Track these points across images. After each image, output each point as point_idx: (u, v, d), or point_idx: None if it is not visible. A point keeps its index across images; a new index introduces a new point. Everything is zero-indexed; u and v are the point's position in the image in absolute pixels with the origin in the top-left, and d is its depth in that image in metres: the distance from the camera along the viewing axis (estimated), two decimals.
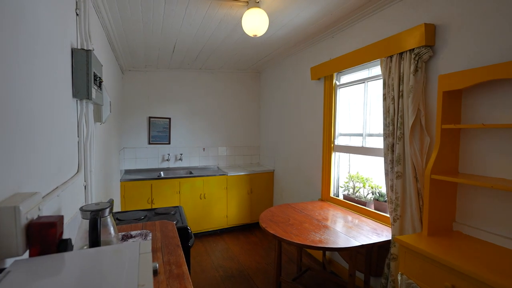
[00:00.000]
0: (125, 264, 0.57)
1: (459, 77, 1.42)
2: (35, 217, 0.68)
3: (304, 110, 3.18)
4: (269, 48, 3.10)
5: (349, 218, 2.24)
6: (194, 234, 3.50)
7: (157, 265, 0.78)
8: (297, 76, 3.30)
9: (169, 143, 3.82)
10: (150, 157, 3.73)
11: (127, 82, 3.57)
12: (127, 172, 3.57)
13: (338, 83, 2.70)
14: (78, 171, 1.29)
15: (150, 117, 3.70)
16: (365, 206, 2.38)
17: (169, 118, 3.80)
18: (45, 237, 0.64)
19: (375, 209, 2.30)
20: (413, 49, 1.72)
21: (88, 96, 1.25)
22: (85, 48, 1.36)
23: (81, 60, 1.22)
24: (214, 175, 3.56)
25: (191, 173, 3.73)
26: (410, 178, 1.74)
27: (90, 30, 1.48)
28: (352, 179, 2.63)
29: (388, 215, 2.00)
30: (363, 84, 2.39)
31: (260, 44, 2.93)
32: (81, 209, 1.02)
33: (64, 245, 0.67)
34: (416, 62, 1.71)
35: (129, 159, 3.62)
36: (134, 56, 3.01)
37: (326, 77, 2.75)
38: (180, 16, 2.02)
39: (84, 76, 1.23)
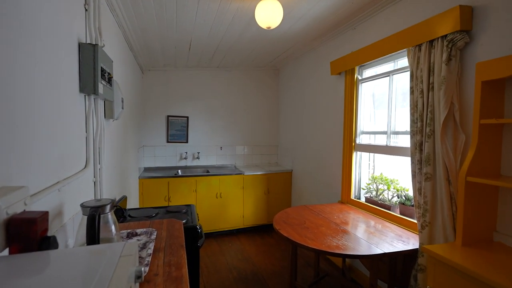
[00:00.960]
0: (99, 269, 0.51)
1: (502, 64, 1.22)
2: (19, 212, 0.64)
3: (323, 107, 3.03)
4: (287, 44, 2.98)
5: (371, 222, 2.06)
6: (209, 233, 3.48)
7: (144, 269, 0.72)
8: (316, 72, 3.15)
9: (187, 142, 3.84)
10: (168, 155, 3.78)
11: (147, 81, 3.64)
12: (147, 169, 3.64)
13: (360, 78, 2.52)
14: (86, 166, 1.28)
15: (168, 116, 3.74)
16: (389, 210, 2.18)
17: (187, 117, 3.83)
18: (26, 234, 0.60)
19: (400, 214, 2.10)
20: (446, 35, 1.53)
21: (95, 91, 1.23)
22: (93, 43, 1.35)
23: (88, 54, 1.21)
24: (231, 174, 3.51)
25: (208, 171, 3.72)
26: (441, 180, 1.55)
27: (101, 26, 1.48)
28: (375, 181, 2.44)
29: (415, 221, 1.81)
30: (388, 77, 2.20)
31: (277, 40, 2.82)
32: (82, 205, 1.00)
33: (47, 243, 0.63)
34: (449, 50, 1.51)
35: (148, 157, 3.69)
36: (152, 55, 3.05)
37: (347, 72, 2.58)
38: (193, 11, 1.99)
39: (91, 71, 1.22)
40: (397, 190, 2.27)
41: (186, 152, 3.84)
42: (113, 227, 1.07)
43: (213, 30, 2.41)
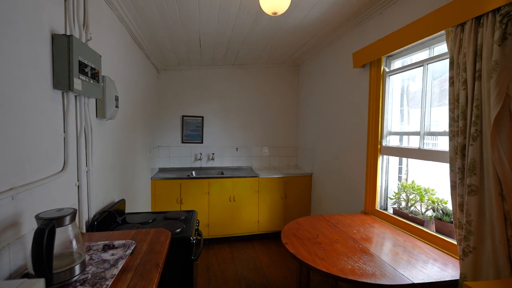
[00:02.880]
0: None
1: None
2: None
3: (345, 104, 2.71)
4: (304, 36, 2.72)
5: (399, 240, 1.74)
6: (222, 238, 3.33)
7: None
8: (338, 66, 2.84)
9: (202, 142, 3.74)
10: (183, 156, 3.71)
11: (163, 81, 3.61)
12: (161, 170, 3.60)
13: (387, 70, 2.18)
14: (63, 169, 1.18)
15: (183, 116, 3.67)
16: (422, 226, 1.83)
17: (202, 117, 3.72)
18: None
19: (436, 231, 1.75)
20: (499, 8, 1.19)
21: (70, 87, 1.12)
22: (74, 34, 1.24)
23: (62, 47, 1.10)
24: (245, 177, 3.33)
25: (222, 173, 3.58)
26: (491, 195, 1.20)
27: (88, 19, 1.38)
28: (405, 190, 2.08)
29: (455, 242, 1.46)
30: (422, 67, 1.85)
31: (292, 32, 2.57)
32: (36, 216, 0.87)
33: None
34: (503, 26, 1.17)
35: (163, 157, 3.65)
36: (164, 54, 2.98)
37: (372, 63, 2.26)
38: (195, 1, 1.83)
39: (65, 65, 1.10)
40: (433, 202, 1.90)
41: (201, 153, 3.74)
42: (74, 242, 0.93)
43: (220, 23, 2.24)
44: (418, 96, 1.91)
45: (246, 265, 2.75)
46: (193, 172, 3.61)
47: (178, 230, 1.57)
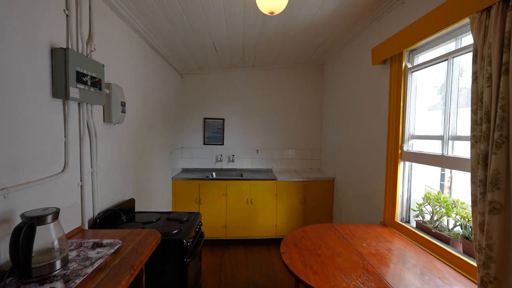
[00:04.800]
0: None
1: None
2: None
3: (365, 105, 2.50)
4: (319, 34, 2.58)
5: (415, 259, 1.53)
6: (239, 240, 3.34)
7: None
8: (358, 64, 2.64)
9: (223, 144, 3.80)
10: (204, 157, 3.81)
11: (186, 85, 3.76)
12: (184, 170, 3.75)
13: (409, 65, 1.94)
14: (64, 170, 1.28)
15: (205, 118, 3.77)
16: (447, 244, 1.59)
17: (223, 119, 3.78)
18: None
19: (464, 252, 1.50)
20: None
21: (66, 96, 1.21)
22: (75, 48, 1.35)
23: (60, 59, 1.20)
24: (262, 180, 3.29)
25: (241, 175, 3.59)
26: None
27: (94, 31, 1.49)
28: (430, 202, 1.83)
29: None
30: (446, 61, 1.61)
31: (305, 31, 2.46)
32: (21, 215, 0.96)
33: None
34: None
35: (186, 158, 3.80)
36: (184, 59, 3.09)
37: (392, 59, 2.04)
38: (198, 5, 1.86)
39: (62, 75, 1.20)
40: (463, 218, 1.64)
41: (221, 155, 3.80)
42: (55, 239, 1.01)
43: (229, 26, 2.24)
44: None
45: (259, 270, 2.71)
46: (214, 173, 3.69)
47: (175, 231, 1.60)
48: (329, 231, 1.94)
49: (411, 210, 2.00)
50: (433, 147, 1.87)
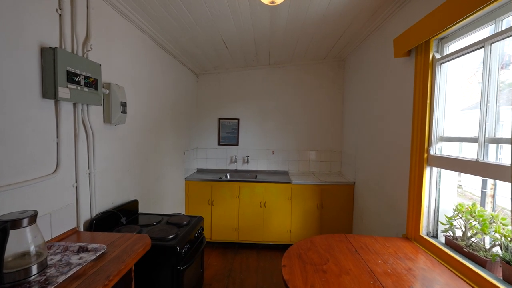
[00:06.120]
0: None
1: None
2: None
3: (387, 102, 2.25)
4: (335, 26, 2.37)
5: (443, 286, 1.29)
6: (252, 244, 3.23)
7: None
8: (381, 58, 2.38)
9: (237, 145, 3.72)
10: (219, 158, 3.76)
11: (202, 85, 3.74)
12: (199, 171, 3.73)
13: (438, 56, 1.68)
14: (55, 171, 1.27)
15: (220, 118, 3.72)
16: (483, 267, 1.33)
17: (238, 119, 3.70)
18: None
19: (504, 279, 1.24)
20: None
21: (55, 96, 1.19)
22: (69, 48, 1.33)
23: (49, 59, 1.18)
24: (276, 182, 3.14)
25: (256, 177, 3.47)
26: None
27: (91, 30, 1.47)
28: (462, 215, 1.56)
29: None
30: (482, 49, 1.34)
31: (319, 23, 2.27)
32: None
33: None
34: None
35: (201, 158, 3.78)
36: (196, 58, 3.06)
37: (418, 49, 1.79)
38: (200, 0, 1.78)
39: (51, 75, 1.18)
40: (503, 236, 1.36)
41: (236, 156, 3.72)
42: (32, 245, 0.97)
43: (236, 21, 2.14)
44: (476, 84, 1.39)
45: (269, 278, 2.57)
46: (228, 174, 3.62)
47: (171, 236, 1.53)
48: (341, 243, 1.74)
49: (439, 223, 1.73)
50: (469, 151, 1.60)
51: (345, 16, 2.18)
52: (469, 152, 1.55)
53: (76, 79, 1.29)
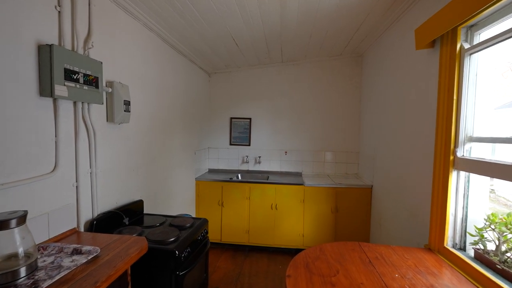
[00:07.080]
0: None
1: None
2: None
3: (409, 99, 2.06)
4: (354, 17, 2.20)
5: None
6: (262, 247, 3.13)
7: None
8: (402, 51, 2.19)
9: (249, 145, 3.64)
10: (231, 158, 3.70)
11: (214, 84, 3.70)
12: (211, 171, 3.69)
13: (467, 46, 1.49)
14: (54, 170, 1.25)
15: (231, 118, 3.66)
16: None
17: (250, 119, 3.62)
18: None
19: None
20: None
21: (52, 94, 1.17)
22: (66, 44, 1.31)
23: (46, 56, 1.16)
24: (288, 184, 3.02)
25: (268, 178, 3.37)
26: None
27: (93, 27, 1.45)
28: (495, 226, 1.36)
29: None
30: None
31: (334, 16, 2.13)
32: None
33: None
34: None
35: (213, 158, 3.74)
36: (207, 56, 3.01)
37: (443, 39, 1.60)
38: None
39: (48, 73, 1.16)
40: None
41: (247, 156, 3.64)
42: (21, 246, 0.94)
43: (244, 15, 2.05)
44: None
45: (279, 284, 2.46)
46: (239, 175, 3.55)
47: (171, 239, 1.47)
48: (353, 252, 1.60)
49: (467, 234, 1.54)
50: (505, 154, 1.40)
51: (361, 7, 2.03)
52: (504, 154, 1.36)
53: (75, 77, 1.27)
